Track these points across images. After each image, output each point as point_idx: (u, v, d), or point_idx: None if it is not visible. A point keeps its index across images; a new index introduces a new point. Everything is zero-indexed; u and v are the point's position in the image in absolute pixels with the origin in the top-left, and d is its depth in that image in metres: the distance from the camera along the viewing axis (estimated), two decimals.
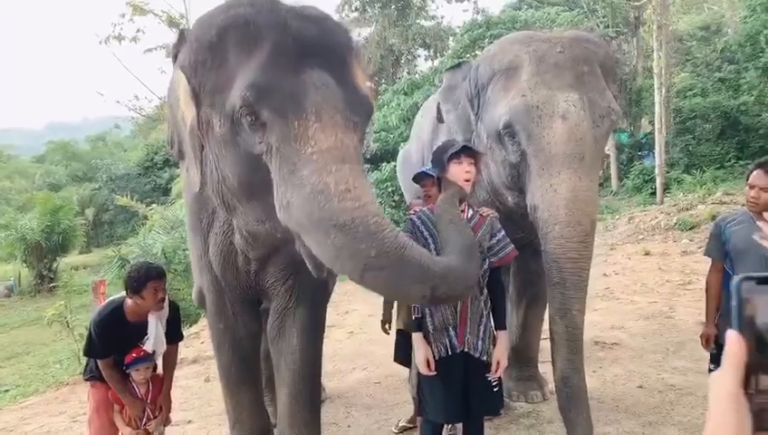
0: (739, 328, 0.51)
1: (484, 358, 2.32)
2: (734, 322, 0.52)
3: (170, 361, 2.95)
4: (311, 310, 2.53)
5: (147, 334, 2.74)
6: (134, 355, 2.73)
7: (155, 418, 2.82)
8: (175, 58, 2.03)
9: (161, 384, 2.89)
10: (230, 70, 1.80)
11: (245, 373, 2.70)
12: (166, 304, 2.79)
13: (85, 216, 24.60)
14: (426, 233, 2.34)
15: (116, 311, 2.71)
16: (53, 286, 14.46)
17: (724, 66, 16.17)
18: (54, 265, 17.00)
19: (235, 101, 1.75)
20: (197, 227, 2.46)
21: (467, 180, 2.31)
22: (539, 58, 2.66)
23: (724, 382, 0.50)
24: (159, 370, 2.95)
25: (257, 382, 2.83)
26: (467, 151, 2.34)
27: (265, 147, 1.75)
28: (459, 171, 2.29)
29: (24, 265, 16.98)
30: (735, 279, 0.52)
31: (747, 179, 2.65)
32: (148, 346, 2.74)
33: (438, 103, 3.27)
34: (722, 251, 2.72)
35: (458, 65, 3.29)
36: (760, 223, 2.58)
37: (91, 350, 2.75)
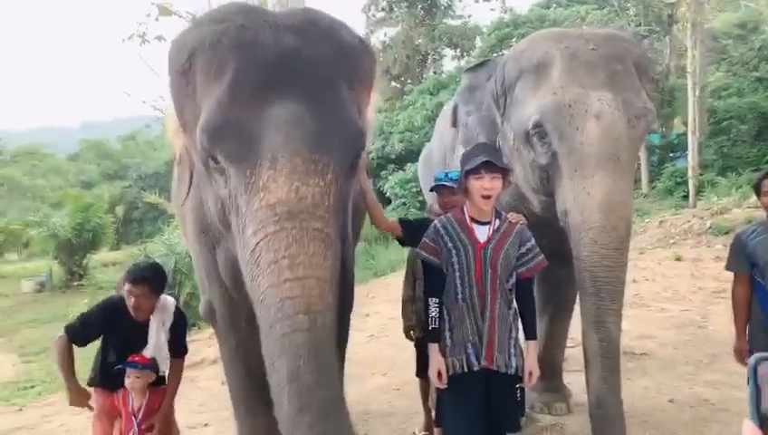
0: (757, 417, 0.49)
1: (513, 372, 2.22)
2: (750, 410, 0.47)
3: (173, 376, 2.75)
4: (337, 320, 2.39)
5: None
6: (129, 359, 2.58)
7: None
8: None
9: (160, 399, 2.69)
10: (198, 100, 1.62)
11: (261, 392, 2.55)
12: (171, 310, 2.69)
13: (115, 213, 25.17)
14: (449, 243, 2.24)
15: (120, 300, 2.61)
16: (83, 283, 14.75)
17: (762, 65, 15.65)
18: (85, 261, 17.40)
19: (197, 141, 1.59)
20: (202, 240, 2.26)
21: (487, 197, 2.17)
22: (571, 55, 2.54)
23: None
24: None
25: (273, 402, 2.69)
26: (488, 166, 2.16)
27: (228, 193, 1.59)
28: (478, 187, 2.16)
29: (56, 261, 17.43)
30: (752, 360, 0.49)
31: (758, 190, 2.66)
32: (147, 351, 2.61)
33: (454, 106, 3.13)
34: (746, 263, 2.69)
35: (480, 64, 3.17)
36: None
37: (71, 325, 2.61)
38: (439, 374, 2.18)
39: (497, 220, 2.27)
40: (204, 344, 6.11)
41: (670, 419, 3.34)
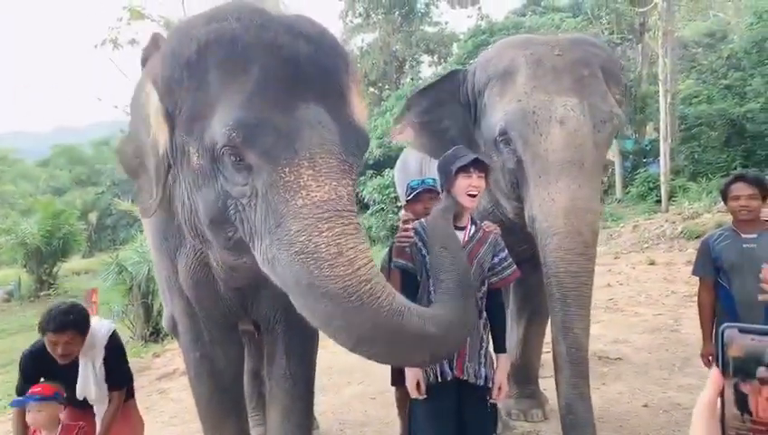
0: (722, 369, 0.57)
1: (482, 383, 2.18)
2: (719, 361, 0.58)
3: (110, 408, 2.52)
4: (305, 331, 2.27)
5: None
6: (30, 391, 2.30)
7: None
8: (144, 62, 1.89)
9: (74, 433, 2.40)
10: (211, 95, 1.59)
11: (228, 406, 2.47)
12: (101, 345, 2.48)
13: (88, 220, 24.63)
14: (423, 249, 2.20)
15: (45, 347, 2.41)
16: (50, 293, 14.39)
17: (730, 73, 16.00)
18: (55, 269, 16.97)
19: (217, 137, 1.55)
20: (163, 247, 2.20)
21: (473, 195, 2.13)
22: (536, 61, 2.54)
23: (701, 398, 0.59)
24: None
25: (242, 414, 2.59)
26: (477, 164, 2.13)
27: (249, 190, 1.58)
28: (465, 186, 2.11)
29: (25, 269, 16.95)
30: (721, 327, 0.58)
31: (725, 196, 2.73)
32: (78, 391, 2.43)
33: (421, 124, 2.91)
34: (712, 268, 2.75)
35: (445, 78, 3.03)
36: (745, 235, 2.64)
37: (17, 388, 2.43)
38: (417, 385, 2.13)
39: (473, 227, 2.24)
40: (176, 354, 5.97)
41: (644, 423, 3.35)
